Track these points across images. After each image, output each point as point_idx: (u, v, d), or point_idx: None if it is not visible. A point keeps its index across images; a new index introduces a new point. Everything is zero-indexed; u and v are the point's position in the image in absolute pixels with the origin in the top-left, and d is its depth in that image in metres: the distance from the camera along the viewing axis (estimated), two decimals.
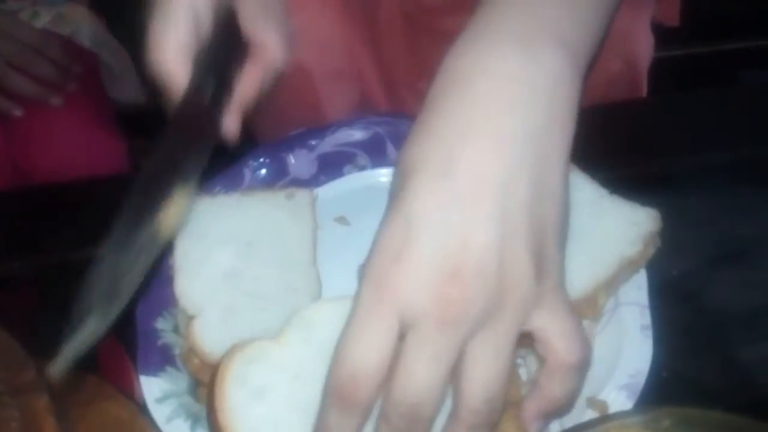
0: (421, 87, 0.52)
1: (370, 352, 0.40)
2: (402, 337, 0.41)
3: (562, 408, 0.48)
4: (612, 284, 0.65)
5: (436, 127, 0.43)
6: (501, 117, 0.42)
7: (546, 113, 0.43)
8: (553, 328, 0.44)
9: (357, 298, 0.42)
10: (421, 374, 0.40)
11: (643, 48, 0.99)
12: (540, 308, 0.43)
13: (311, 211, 0.71)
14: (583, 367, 0.47)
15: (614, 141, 0.85)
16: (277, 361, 0.52)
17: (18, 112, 1.15)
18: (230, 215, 0.70)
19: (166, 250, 0.68)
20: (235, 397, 0.51)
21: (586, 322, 0.63)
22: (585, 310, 0.63)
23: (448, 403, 0.44)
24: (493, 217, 0.40)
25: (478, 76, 0.43)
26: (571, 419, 0.59)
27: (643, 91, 1.02)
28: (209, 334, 0.62)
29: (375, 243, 0.43)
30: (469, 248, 0.40)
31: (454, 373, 0.41)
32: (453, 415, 0.43)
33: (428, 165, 0.42)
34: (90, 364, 0.66)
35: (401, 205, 0.42)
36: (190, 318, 0.63)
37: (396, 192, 0.43)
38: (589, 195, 0.68)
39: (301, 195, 0.72)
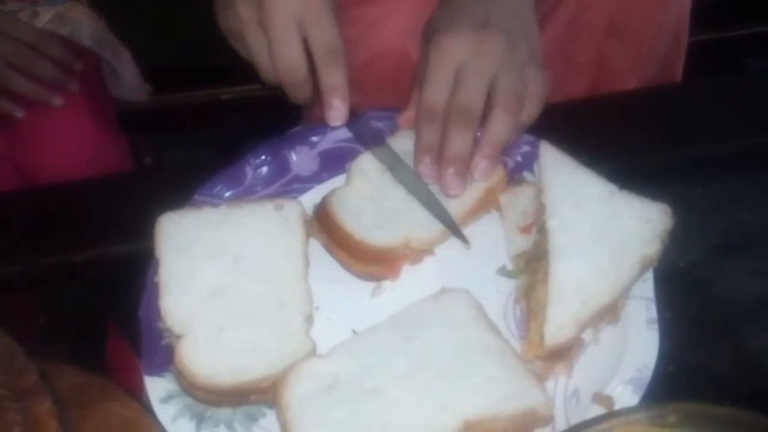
0: None
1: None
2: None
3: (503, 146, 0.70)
4: (632, 284, 0.64)
5: None
6: None
7: None
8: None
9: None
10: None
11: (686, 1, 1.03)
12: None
13: (301, 223, 0.70)
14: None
15: (618, 133, 0.84)
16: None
17: (19, 114, 1.14)
18: (217, 228, 0.69)
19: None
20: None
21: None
22: (606, 315, 0.63)
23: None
24: None
25: None
26: (577, 415, 0.59)
27: (685, 43, 1.05)
28: (197, 355, 0.61)
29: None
30: None
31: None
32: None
33: None
34: (97, 364, 0.66)
35: None
36: (177, 338, 0.62)
37: None
38: (598, 191, 0.68)
39: (290, 206, 0.71)
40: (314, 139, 0.78)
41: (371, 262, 0.68)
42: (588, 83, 1.00)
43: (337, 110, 0.71)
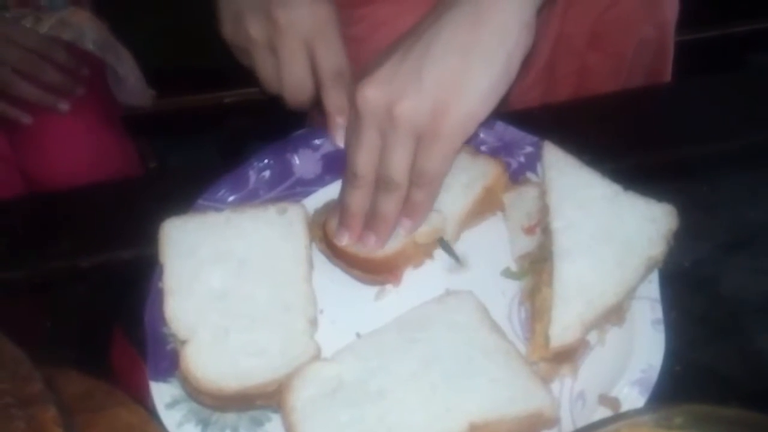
0: None
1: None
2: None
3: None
4: (637, 285, 0.64)
5: None
6: None
7: None
8: None
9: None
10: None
11: (671, 13, 1.02)
12: None
13: (304, 227, 0.70)
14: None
15: (622, 132, 0.84)
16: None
17: (26, 120, 1.14)
18: (220, 233, 0.69)
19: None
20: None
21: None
22: (611, 316, 0.63)
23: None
24: None
25: None
26: (583, 417, 0.59)
27: (670, 54, 1.05)
28: (201, 360, 0.61)
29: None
30: None
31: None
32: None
33: None
34: (102, 369, 0.66)
35: None
36: (182, 343, 0.62)
37: None
38: (602, 191, 0.68)
39: (294, 210, 0.71)
40: (317, 142, 0.78)
41: (378, 271, 0.69)
42: (570, 95, 0.99)
43: (341, 129, 0.73)
